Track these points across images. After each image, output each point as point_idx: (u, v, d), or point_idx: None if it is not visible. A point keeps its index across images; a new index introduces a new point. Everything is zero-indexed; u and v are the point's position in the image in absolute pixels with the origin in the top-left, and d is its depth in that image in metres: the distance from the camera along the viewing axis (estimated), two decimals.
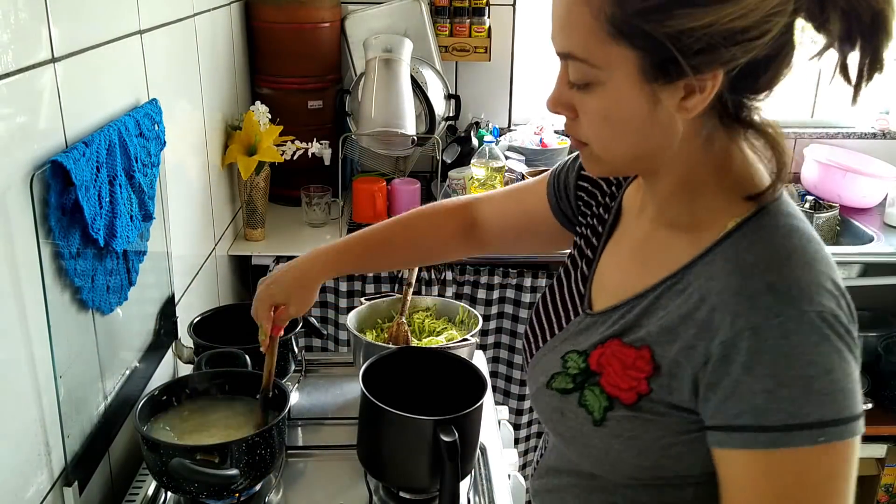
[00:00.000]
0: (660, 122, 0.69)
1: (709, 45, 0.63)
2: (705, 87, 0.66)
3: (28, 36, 0.94)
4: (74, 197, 0.98)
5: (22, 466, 0.94)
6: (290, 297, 1.12)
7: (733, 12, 0.61)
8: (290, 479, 1.26)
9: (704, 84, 0.65)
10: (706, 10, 0.61)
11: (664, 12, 0.63)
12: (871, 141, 2.76)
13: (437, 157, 2.25)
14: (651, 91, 0.67)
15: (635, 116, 0.69)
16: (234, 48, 2.11)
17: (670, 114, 0.68)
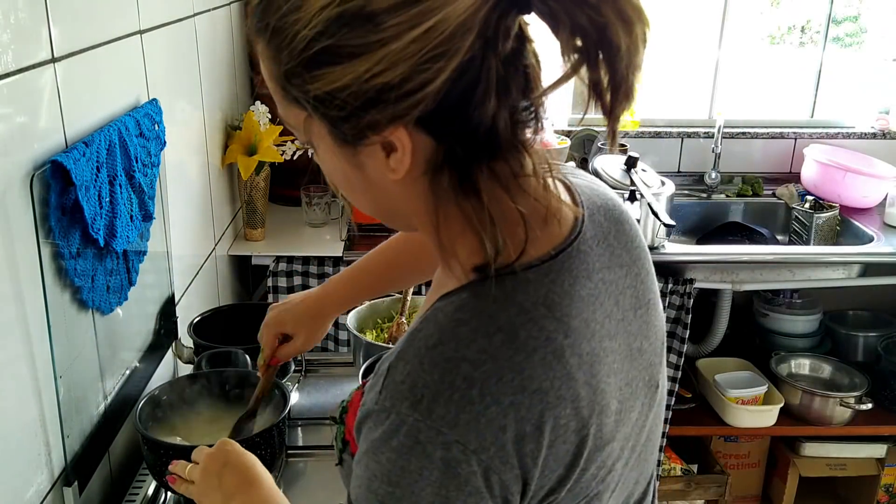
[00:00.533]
0: (377, 183, 0.63)
1: (365, 103, 0.56)
2: (396, 146, 0.59)
3: (28, 36, 0.94)
4: (74, 197, 0.98)
5: (22, 466, 0.94)
6: (299, 329, 1.10)
7: (371, 69, 0.54)
8: (290, 479, 1.26)
9: (393, 142, 0.58)
10: (341, 69, 0.55)
11: (301, 76, 0.57)
12: (871, 141, 2.76)
13: None
14: (350, 153, 0.62)
15: (350, 178, 0.64)
16: (234, 48, 2.11)
17: (384, 175, 0.61)
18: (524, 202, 0.63)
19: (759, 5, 3.93)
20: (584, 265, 0.65)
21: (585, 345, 0.62)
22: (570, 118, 2.77)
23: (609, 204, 0.73)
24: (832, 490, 2.71)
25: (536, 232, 0.64)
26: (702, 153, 2.74)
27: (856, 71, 3.21)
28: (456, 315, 0.61)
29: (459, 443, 0.57)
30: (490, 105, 0.56)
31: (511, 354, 0.59)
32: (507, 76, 0.57)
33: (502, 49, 0.56)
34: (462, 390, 0.57)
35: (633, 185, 2.13)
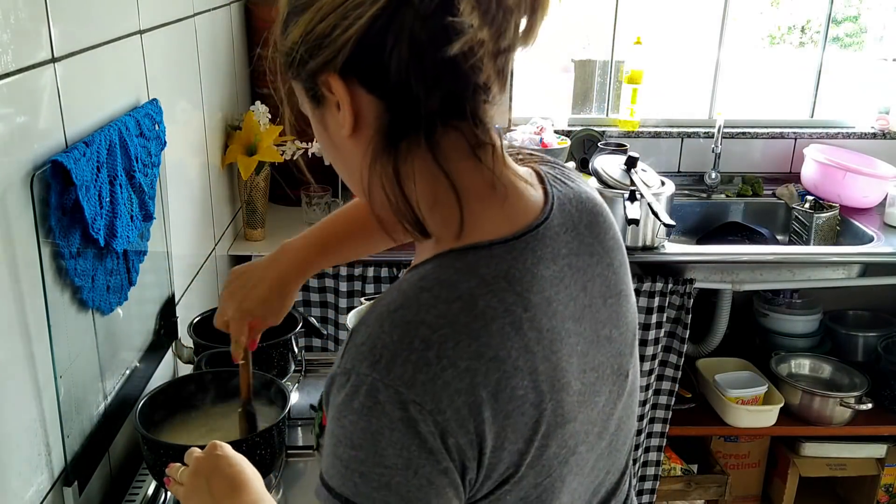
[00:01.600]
0: (342, 146, 0.68)
1: (307, 51, 0.62)
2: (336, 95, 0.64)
3: (28, 36, 0.94)
4: (75, 197, 0.98)
5: (22, 466, 0.94)
6: (269, 312, 1.07)
7: (311, 20, 0.61)
8: (290, 479, 1.26)
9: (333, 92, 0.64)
10: (294, 25, 0.63)
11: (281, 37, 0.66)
12: (871, 141, 2.76)
13: None
14: (320, 115, 0.68)
15: (327, 144, 0.70)
16: (234, 48, 2.11)
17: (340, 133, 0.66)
18: (471, 178, 0.66)
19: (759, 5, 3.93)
20: (549, 249, 0.68)
21: (546, 321, 0.64)
22: (570, 118, 2.77)
23: (582, 196, 0.75)
24: (832, 490, 2.71)
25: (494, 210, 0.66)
26: (702, 153, 2.74)
27: (856, 71, 3.22)
28: (419, 283, 0.64)
29: (416, 402, 0.58)
30: (402, 54, 0.59)
31: (469, 321, 0.61)
32: (420, 30, 0.58)
33: (419, 6, 0.58)
34: (419, 351, 0.59)
35: (633, 185, 2.13)
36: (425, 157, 0.64)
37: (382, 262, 2.10)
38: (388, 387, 0.59)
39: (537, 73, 2.77)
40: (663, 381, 2.27)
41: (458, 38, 0.58)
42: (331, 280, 2.11)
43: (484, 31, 0.58)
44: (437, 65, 0.59)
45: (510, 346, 0.61)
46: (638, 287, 2.11)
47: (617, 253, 0.77)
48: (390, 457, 0.59)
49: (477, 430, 0.60)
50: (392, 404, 0.58)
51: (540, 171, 0.74)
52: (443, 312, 0.61)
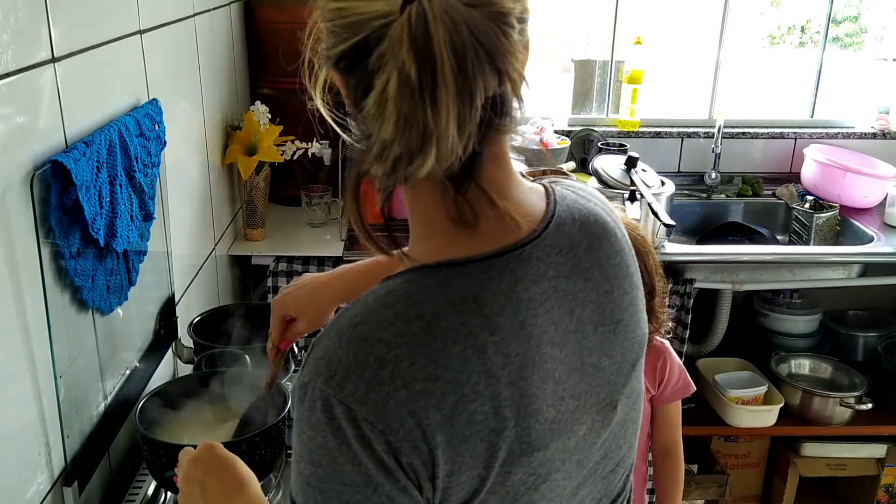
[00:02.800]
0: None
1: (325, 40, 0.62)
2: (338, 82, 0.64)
3: (28, 36, 0.94)
4: (75, 197, 0.98)
5: (22, 466, 0.94)
6: (301, 312, 1.09)
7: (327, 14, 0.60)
8: (290, 479, 1.26)
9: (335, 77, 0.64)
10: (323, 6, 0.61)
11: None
12: (871, 141, 2.76)
13: None
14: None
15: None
16: (234, 48, 2.11)
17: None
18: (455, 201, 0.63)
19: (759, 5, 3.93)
20: (533, 270, 0.65)
21: (516, 346, 0.62)
22: (570, 118, 2.77)
23: (590, 219, 0.72)
24: (832, 490, 2.71)
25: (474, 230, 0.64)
26: (702, 153, 2.74)
27: (856, 71, 3.22)
28: (384, 298, 0.62)
29: (368, 420, 0.57)
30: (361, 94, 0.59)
31: (428, 342, 0.59)
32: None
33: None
34: (373, 370, 0.58)
35: (633, 185, 2.13)
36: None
37: None
38: (342, 403, 0.58)
39: (537, 73, 2.77)
40: None
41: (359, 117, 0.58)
42: None
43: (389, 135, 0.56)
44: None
45: (470, 371, 0.59)
46: None
47: (621, 281, 0.73)
48: (349, 473, 0.58)
49: (430, 452, 0.59)
50: (346, 421, 0.58)
51: (549, 189, 0.72)
52: (402, 331, 0.59)
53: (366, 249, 0.68)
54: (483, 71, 0.56)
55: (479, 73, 0.56)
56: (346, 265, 1.11)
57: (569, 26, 2.79)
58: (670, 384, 1.48)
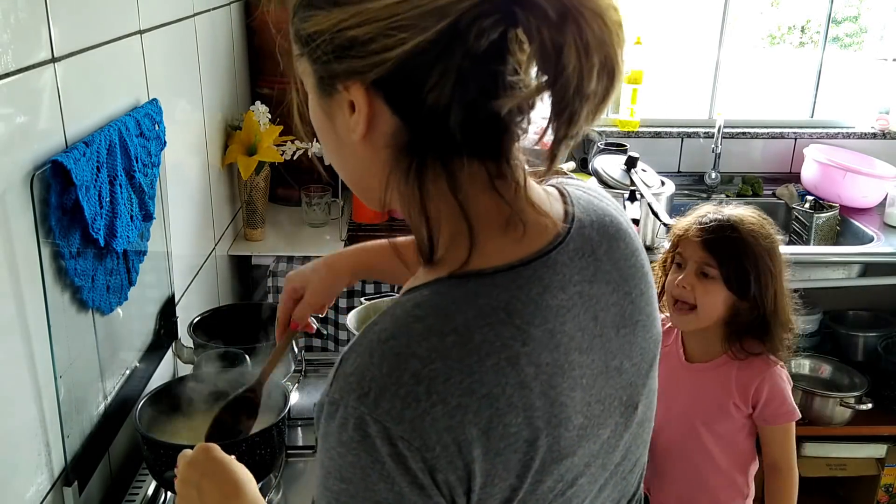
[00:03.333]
0: (345, 141, 0.64)
1: (334, 51, 0.58)
2: (355, 103, 0.60)
3: (28, 36, 0.94)
4: (75, 197, 0.98)
5: (22, 466, 0.94)
6: (307, 282, 1.08)
7: (345, 20, 0.57)
8: (290, 479, 1.26)
9: (351, 98, 0.60)
10: (324, 15, 0.58)
11: (299, 14, 0.61)
12: (871, 141, 2.76)
13: None
14: (326, 102, 0.64)
15: (326, 130, 0.66)
16: (234, 48, 2.11)
17: (348, 133, 0.63)
18: (486, 207, 0.63)
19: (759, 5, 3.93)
20: (559, 276, 0.64)
21: (546, 355, 0.61)
22: None
23: (605, 220, 0.72)
24: (832, 490, 2.71)
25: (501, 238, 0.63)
26: (702, 153, 2.74)
27: (856, 71, 3.21)
28: (414, 311, 0.61)
29: (404, 438, 0.56)
30: (444, 93, 0.56)
31: (462, 356, 0.58)
32: (468, 72, 0.56)
33: (473, 46, 0.55)
34: (408, 386, 0.56)
35: (633, 185, 2.13)
36: (440, 181, 0.61)
37: None
38: (377, 422, 0.56)
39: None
40: None
41: (509, 95, 0.56)
42: None
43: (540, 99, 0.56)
44: (478, 111, 0.57)
45: (504, 383, 0.58)
46: None
47: (638, 281, 0.72)
48: (381, 491, 0.57)
49: (466, 467, 0.58)
50: (381, 439, 0.56)
51: (564, 191, 0.71)
52: (435, 346, 0.58)
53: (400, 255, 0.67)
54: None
55: None
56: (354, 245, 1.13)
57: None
58: (769, 408, 1.44)
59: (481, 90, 0.57)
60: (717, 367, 1.48)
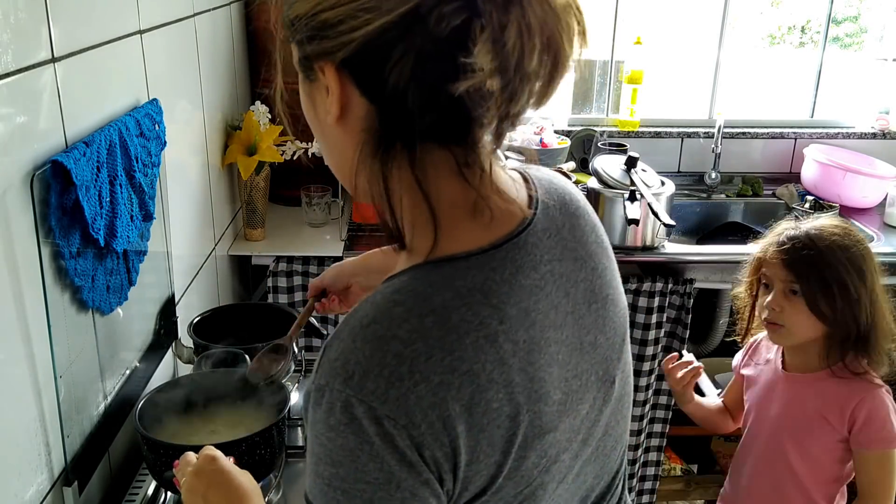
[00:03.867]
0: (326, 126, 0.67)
1: (309, 33, 0.61)
2: (327, 83, 0.63)
3: (28, 36, 0.94)
4: (75, 197, 0.98)
5: (22, 466, 0.94)
6: (326, 278, 1.22)
7: (320, 4, 0.60)
8: (290, 479, 1.26)
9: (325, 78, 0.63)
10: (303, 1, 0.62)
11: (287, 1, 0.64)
12: (871, 141, 2.76)
13: None
14: (308, 86, 0.67)
15: (311, 116, 0.69)
16: (234, 48, 2.11)
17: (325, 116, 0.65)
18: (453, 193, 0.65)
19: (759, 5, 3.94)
20: (531, 256, 0.66)
21: (522, 332, 0.63)
22: (570, 118, 2.77)
23: (566, 198, 0.74)
24: None
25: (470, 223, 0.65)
26: (702, 153, 2.74)
27: (856, 71, 3.21)
28: (393, 296, 0.63)
29: (390, 417, 0.58)
30: (404, 73, 0.58)
31: (442, 335, 0.60)
32: (428, 55, 0.57)
33: (434, 30, 0.56)
34: (392, 367, 0.58)
35: (633, 185, 2.13)
36: (405, 167, 0.63)
37: None
38: (362, 402, 0.58)
39: None
40: (663, 382, 2.27)
41: (464, 78, 0.56)
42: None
43: (495, 83, 0.57)
44: (438, 94, 0.58)
45: (484, 360, 0.61)
46: (638, 287, 2.11)
47: (601, 256, 0.75)
48: (371, 472, 0.59)
49: (452, 443, 0.59)
50: (368, 420, 0.58)
51: (527, 175, 0.73)
52: (415, 327, 0.60)
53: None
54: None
55: None
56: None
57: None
58: (865, 431, 1.38)
59: (440, 73, 0.58)
60: (815, 381, 1.43)
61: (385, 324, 0.61)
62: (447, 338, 0.60)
